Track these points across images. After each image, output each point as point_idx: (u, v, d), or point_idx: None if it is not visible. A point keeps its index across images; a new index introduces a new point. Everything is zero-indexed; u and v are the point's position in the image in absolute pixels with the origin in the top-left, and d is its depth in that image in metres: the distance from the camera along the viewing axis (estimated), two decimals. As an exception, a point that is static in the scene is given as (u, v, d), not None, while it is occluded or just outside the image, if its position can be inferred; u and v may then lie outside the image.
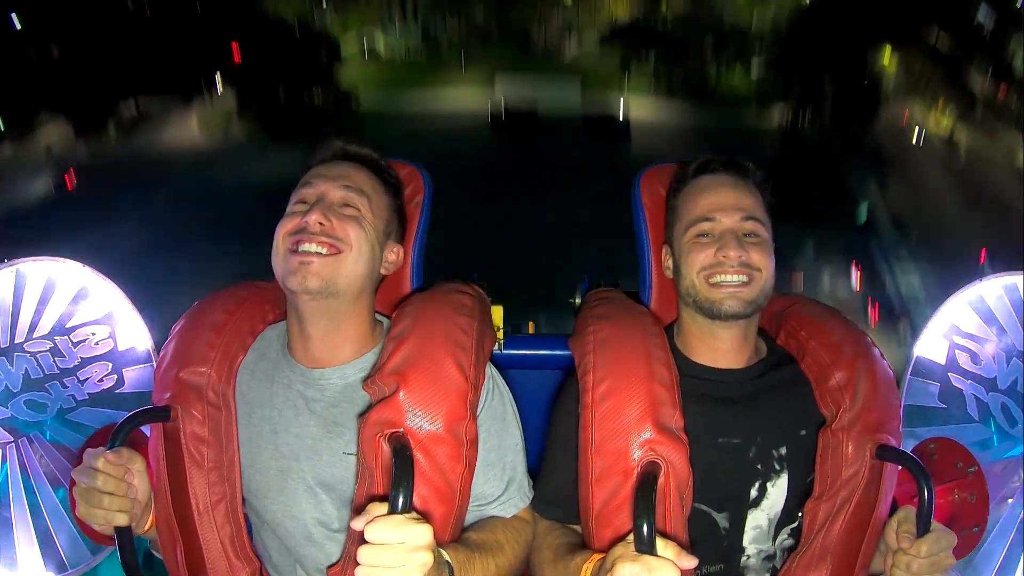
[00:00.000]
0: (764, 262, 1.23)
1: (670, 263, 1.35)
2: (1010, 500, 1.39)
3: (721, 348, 1.27)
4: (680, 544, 0.96)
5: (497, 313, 1.50)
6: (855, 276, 16.56)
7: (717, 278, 1.22)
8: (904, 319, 15.78)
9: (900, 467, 1.15)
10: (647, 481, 1.05)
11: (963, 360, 1.47)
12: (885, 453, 1.15)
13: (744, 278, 1.21)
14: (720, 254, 1.22)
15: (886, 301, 16.80)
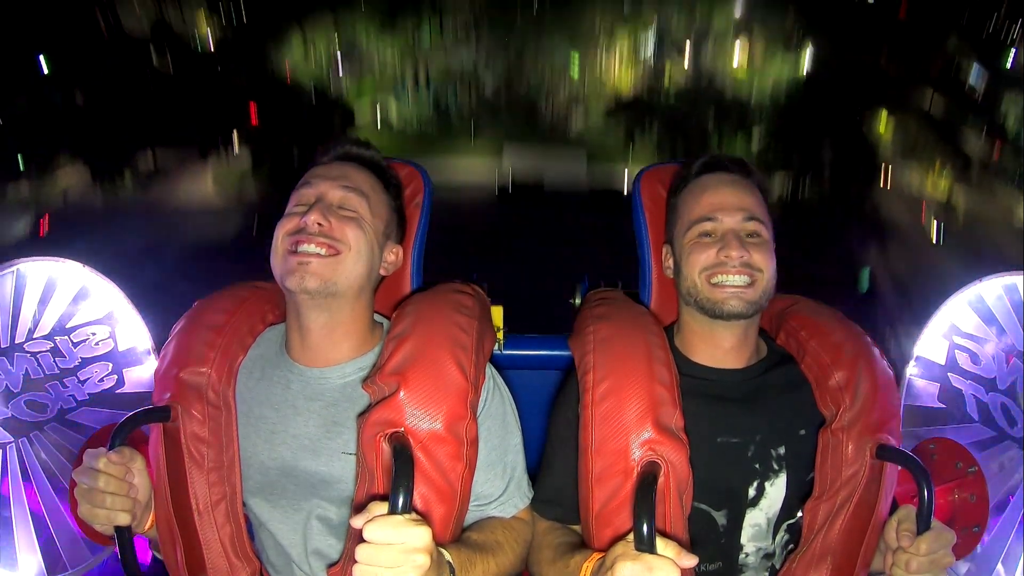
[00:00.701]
0: (766, 263, 1.23)
1: (671, 263, 1.34)
2: (1010, 500, 1.39)
3: (722, 348, 1.27)
4: (680, 543, 0.96)
5: (497, 313, 1.50)
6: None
7: (719, 278, 1.22)
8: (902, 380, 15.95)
9: (900, 467, 1.15)
10: (647, 481, 1.05)
11: (963, 360, 1.47)
12: (885, 453, 1.15)
13: (747, 279, 1.21)
14: (722, 254, 1.22)
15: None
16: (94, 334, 1.48)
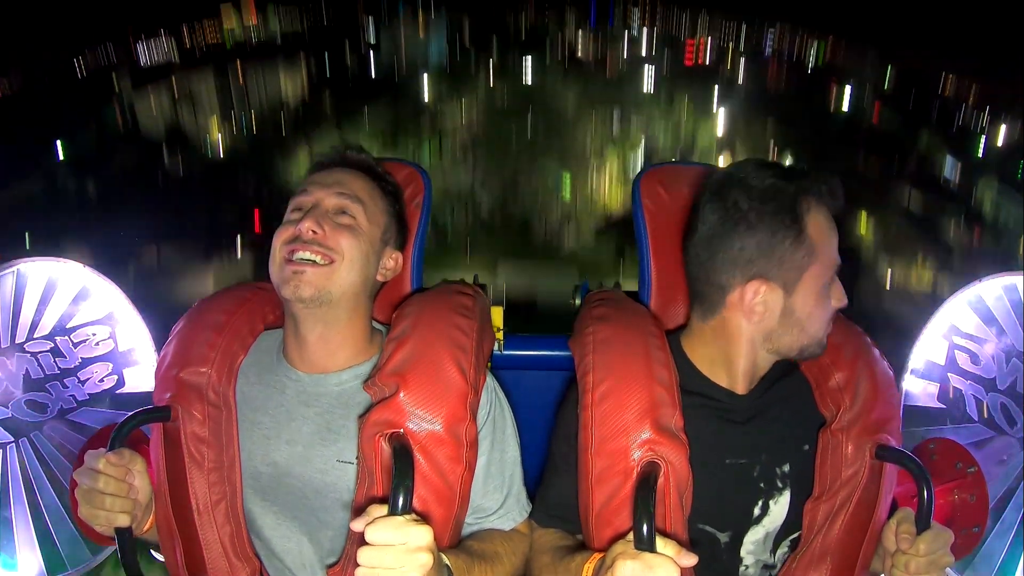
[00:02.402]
0: None
1: (775, 303, 1.15)
2: (1010, 500, 1.39)
3: (739, 372, 1.23)
4: (680, 543, 0.96)
5: (497, 314, 1.50)
6: None
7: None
8: None
9: (900, 467, 1.15)
10: (647, 481, 1.05)
11: (963, 360, 1.47)
12: (885, 453, 1.15)
13: None
14: (835, 302, 1.19)
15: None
16: (94, 334, 1.48)
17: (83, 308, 1.48)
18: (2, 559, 1.41)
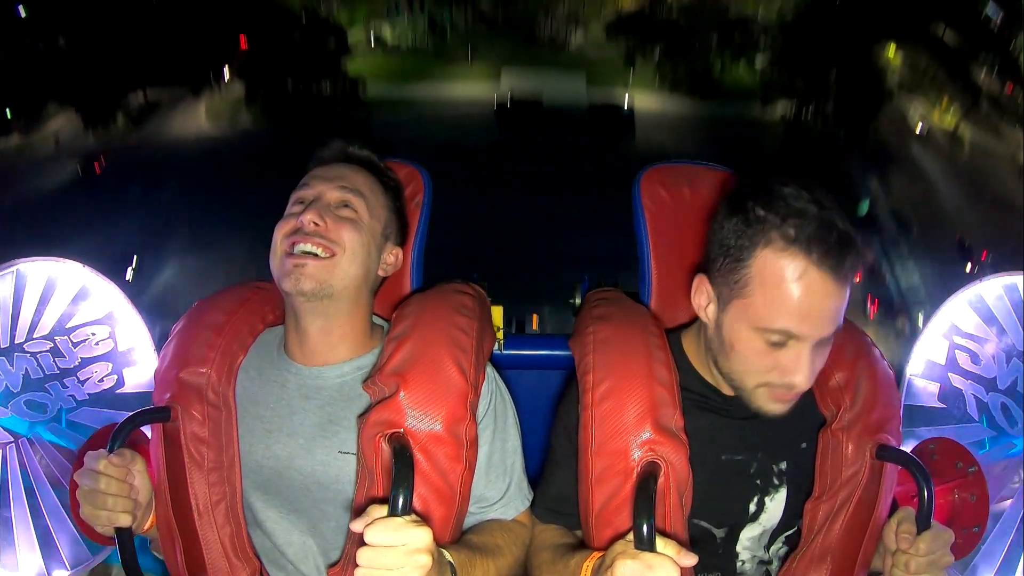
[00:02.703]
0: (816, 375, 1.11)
1: (709, 312, 1.14)
2: (1010, 500, 1.39)
3: (717, 375, 1.23)
4: (680, 543, 0.96)
5: (497, 313, 1.50)
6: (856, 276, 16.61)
7: (778, 394, 1.11)
8: (903, 315, 15.84)
9: (900, 467, 1.15)
10: (647, 480, 1.05)
11: (963, 360, 1.47)
12: (885, 453, 1.15)
13: (797, 397, 1.13)
14: (786, 377, 1.07)
15: (886, 297, 16.86)
16: (94, 334, 1.48)
17: (83, 308, 1.48)
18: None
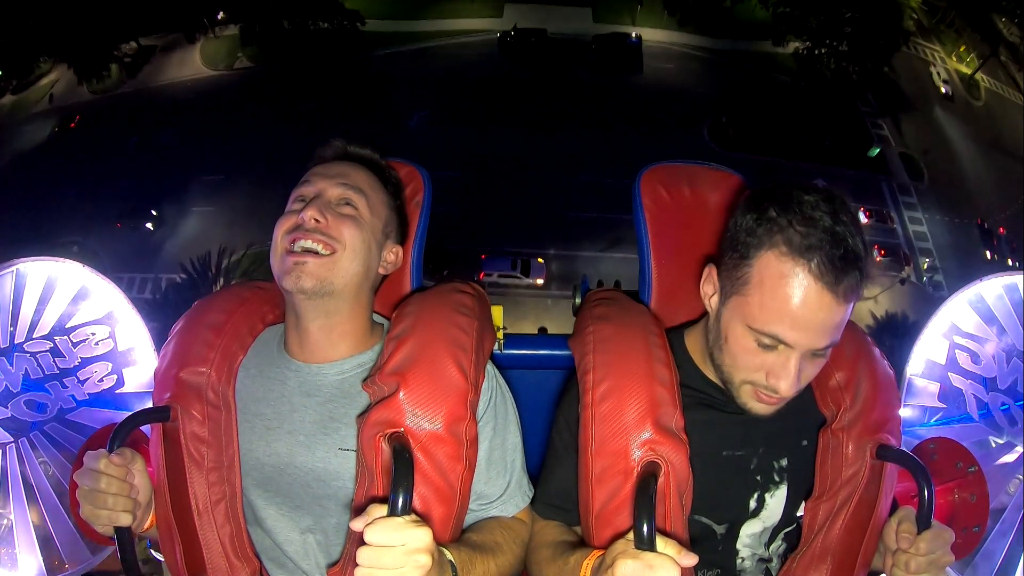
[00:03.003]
0: (807, 380, 1.11)
1: (713, 302, 1.15)
2: (1010, 500, 1.39)
3: (714, 374, 1.24)
4: (680, 542, 0.96)
5: (497, 313, 1.50)
6: (863, 219, 16.52)
7: (761, 395, 1.12)
8: (909, 263, 15.87)
9: (900, 467, 1.15)
10: (647, 480, 1.05)
11: (963, 360, 1.47)
12: (885, 453, 1.15)
13: (781, 403, 1.13)
14: (772, 379, 1.08)
15: (892, 243, 16.81)
16: (94, 334, 1.48)
17: (82, 308, 1.48)
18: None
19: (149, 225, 16.45)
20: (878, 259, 15.25)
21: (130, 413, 1.16)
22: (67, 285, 1.48)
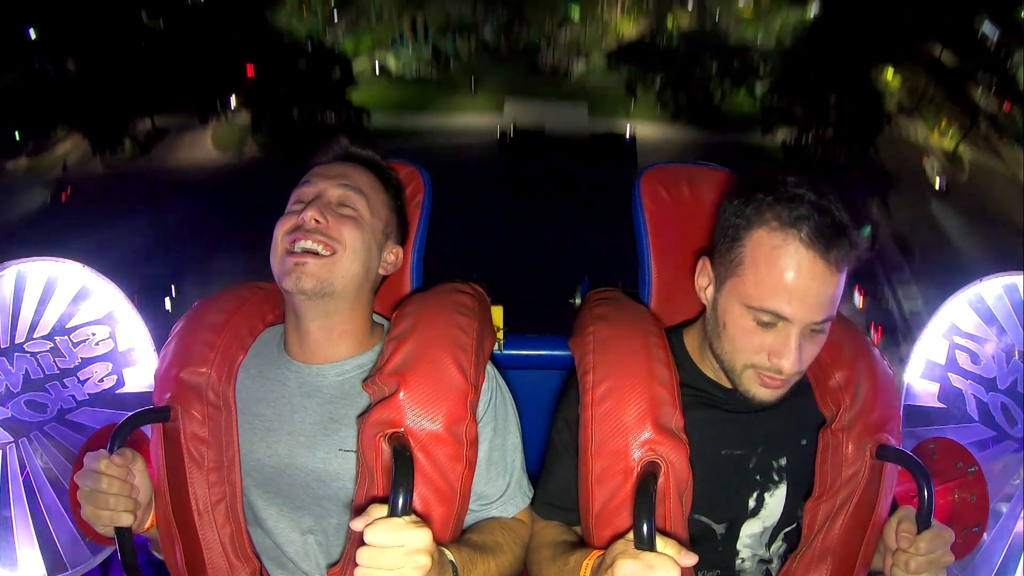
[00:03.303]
0: (809, 362, 1.12)
1: (708, 293, 1.18)
2: (1010, 500, 1.39)
3: (714, 366, 1.24)
4: (680, 543, 0.96)
5: (497, 313, 1.50)
6: (858, 299, 16.60)
7: (765, 378, 1.12)
8: (906, 342, 15.94)
9: (900, 467, 1.15)
10: (647, 480, 1.05)
11: (963, 360, 1.47)
12: (885, 453, 1.15)
13: (785, 380, 1.13)
14: (774, 358, 1.09)
15: (889, 323, 16.89)
16: (94, 334, 1.48)
17: (83, 308, 1.48)
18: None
19: (168, 306, 16.51)
20: (876, 339, 15.32)
21: (130, 413, 1.16)
22: (67, 285, 1.48)
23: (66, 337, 1.47)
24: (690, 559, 0.94)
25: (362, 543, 0.92)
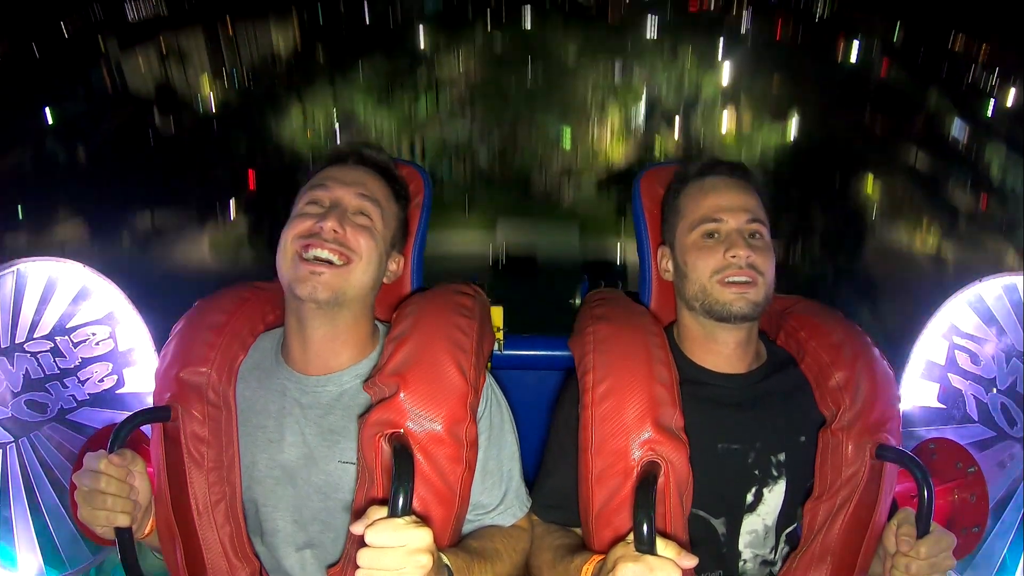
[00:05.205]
0: (767, 266, 1.23)
1: (669, 265, 1.34)
2: (1010, 500, 1.39)
3: (724, 352, 1.27)
4: (680, 544, 0.96)
5: (497, 314, 1.50)
6: None
7: (730, 279, 1.21)
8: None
9: (900, 467, 1.15)
10: (647, 480, 1.05)
11: (963, 360, 1.47)
12: (885, 453, 1.15)
13: (749, 279, 1.21)
14: (729, 255, 1.22)
15: None
16: (94, 334, 1.49)
17: (83, 308, 1.48)
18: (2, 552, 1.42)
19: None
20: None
21: (130, 413, 1.16)
22: (68, 285, 1.48)
23: (66, 337, 1.47)
24: (690, 561, 0.94)
25: (363, 544, 0.92)
